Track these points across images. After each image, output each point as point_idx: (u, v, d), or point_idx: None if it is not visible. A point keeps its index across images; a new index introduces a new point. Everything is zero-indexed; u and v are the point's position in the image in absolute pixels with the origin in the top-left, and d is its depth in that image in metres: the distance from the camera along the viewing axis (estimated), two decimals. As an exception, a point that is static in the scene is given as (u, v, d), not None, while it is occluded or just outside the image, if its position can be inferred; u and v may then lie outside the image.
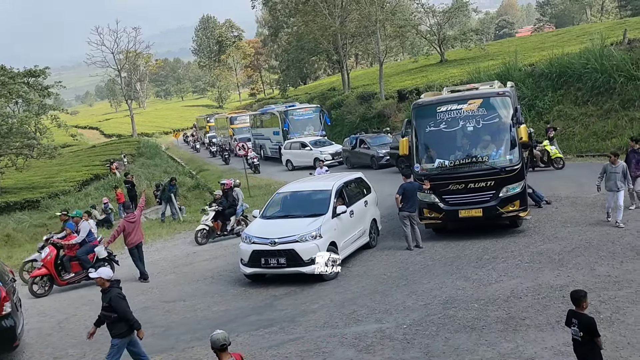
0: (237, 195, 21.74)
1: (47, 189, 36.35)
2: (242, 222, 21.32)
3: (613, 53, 29.39)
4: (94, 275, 9.75)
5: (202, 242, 20.64)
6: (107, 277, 9.55)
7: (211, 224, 20.99)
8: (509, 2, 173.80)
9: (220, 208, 21.17)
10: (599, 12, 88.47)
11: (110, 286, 9.55)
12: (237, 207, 21.47)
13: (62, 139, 62.94)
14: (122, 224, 16.75)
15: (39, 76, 43.46)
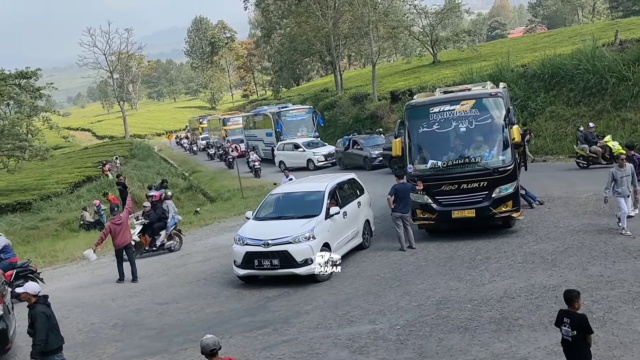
0: (167, 208, 20.37)
1: (39, 191, 36.29)
2: (174, 236, 20.31)
3: (605, 54, 29.49)
4: (20, 290, 9.38)
5: None
6: (33, 292, 9.18)
7: (138, 238, 19.50)
8: (501, 3, 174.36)
9: (146, 221, 19.87)
10: (590, 13, 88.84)
11: (36, 302, 9.19)
12: (168, 220, 20.16)
13: (54, 140, 62.87)
14: (108, 226, 16.83)
15: (31, 78, 43.37)
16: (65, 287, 16.99)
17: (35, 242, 26.69)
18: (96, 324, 13.26)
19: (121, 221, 16.66)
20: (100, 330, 12.82)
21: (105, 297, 15.39)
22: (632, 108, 26.52)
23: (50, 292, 16.19)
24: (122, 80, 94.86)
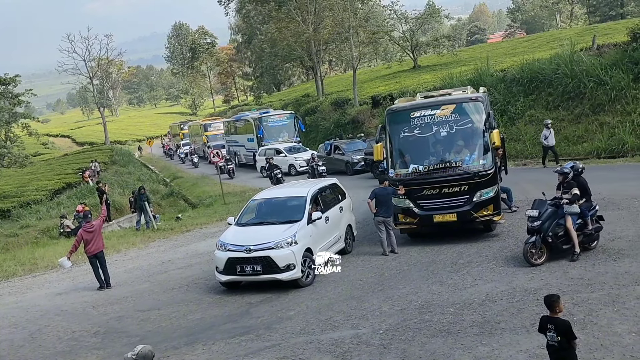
0: None
1: (18, 198, 35.88)
2: None
3: (583, 58, 29.80)
4: None
5: None
6: None
7: None
8: (481, 8, 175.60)
9: None
10: (568, 18, 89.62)
11: None
12: None
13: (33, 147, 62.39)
14: (80, 233, 16.75)
15: (9, 84, 43.01)
16: (45, 294, 16.82)
17: (14, 249, 26.38)
18: (77, 332, 13.13)
19: (93, 229, 16.58)
20: (81, 338, 12.70)
21: (86, 304, 15.25)
22: (610, 112, 26.83)
23: (31, 300, 16.17)
24: (102, 86, 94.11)
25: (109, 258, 19.66)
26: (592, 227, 13.39)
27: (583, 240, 13.26)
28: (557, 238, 13.14)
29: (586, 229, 13.28)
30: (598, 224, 13.64)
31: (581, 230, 13.25)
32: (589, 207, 13.52)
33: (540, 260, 13.04)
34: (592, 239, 13.49)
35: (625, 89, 26.86)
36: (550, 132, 24.96)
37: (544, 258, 13.08)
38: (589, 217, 13.33)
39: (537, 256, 13.08)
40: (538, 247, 13.07)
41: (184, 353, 11.04)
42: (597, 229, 13.57)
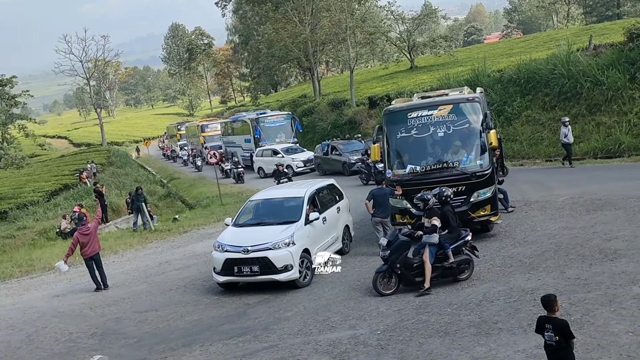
0: None
1: (15, 200, 35.86)
2: None
3: (579, 59, 29.84)
4: None
5: None
6: None
7: None
8: (477, 9, 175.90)
9: None
10: (565, 18, 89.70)
11: None
12: None
13: (30, 148, 62.27)
14: (75, 236, 16.71)
15: (6, 85, 43.11)
16: (42, 296, 16.81)
17: (11, 251, 26.37)
18: (74, 333, 13.12)
19: (89, 231, 16.58)
20: (79, 339, 12.69)
21: (84, 306, 15.24)
22: (607, 112, 26.87)
23: (28, 302, 16.15)
24: (99, 87, 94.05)
25: (106, 259, 19.66)
26: (457, 259, 12.90)
27: (444, 273, 12.85)
28: (411, 269, 12.85)
29: (446, 261, 12.81)
30: (468, 255, 13.11)
31: (440, 263, 12.81)
32: (453, 238, 13.05)
33: (389, 291, 12.81)
34: (456, 271, 12.92)
35: (621, 89, 26.90)
36: (568, 129, 24.42)
37: (394, 288, 12.86)
38: (449, 249, 12.81)
39: (385, 286, 12.87)
40: (387, 278, 12.90)
41: (182, 354, 11.04)
42: (465, 261, 13.05)
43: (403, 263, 12.79)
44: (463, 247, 13.11)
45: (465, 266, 13.09)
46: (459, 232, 13.27)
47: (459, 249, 13.06)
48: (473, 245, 13.30)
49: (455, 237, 13.11)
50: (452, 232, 13.18)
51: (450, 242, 12.97)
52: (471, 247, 13.24)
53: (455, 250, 12.97)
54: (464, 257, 13.07)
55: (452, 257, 12.82)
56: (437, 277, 12.83)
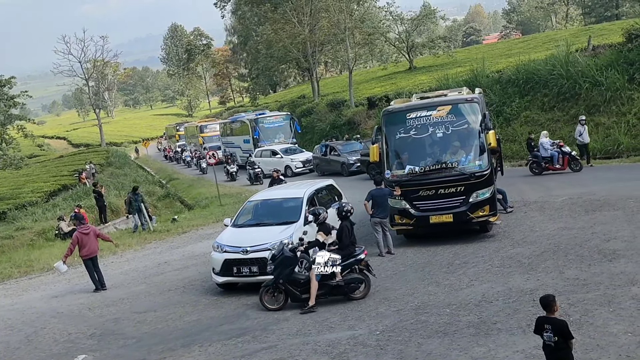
0: None
1: (14, 200, 35.88)
2: None
3: (578, 59, 29.87)
4: None
5: None
6: None
7: None
8: (476, 9, 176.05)
9: None
10: (563, 19, 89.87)
11: None
12: None
13: (29, 149, 62.27)
14: (75, 235, 16.69)
15: (5, 86, 43.01)
16: (41, 296, 16.80)
17: (10, 251, 26.34)
18: (73, 334, 13.10)
19: (89, 230, 16.59)
20: (78, 340, 12.68)
21: (82, 306, 15.23)
22: (605, 113, 26.90)
23: (26, 302, 16.14)
24: (98, 88, 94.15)
25: (105, 260, 19.68)
26: (347, 277, 12.74)
27: (332, 291, 12.73)
28: (298, 285, 12.80)
29: (333, 279, 12.66)
30: (361, 274, 12.86)
31: (327, 281, 12.66)
32: (344, 255, 12.74)
33: (275, 306, 12.82)
34: (345, 289, 12.73)
35: (620, 90, 26.94)
36: (584, 128, 24.21)
37: (282, 303, 12.85)
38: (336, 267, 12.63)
39: (271, 301, 12.91)
40: (273, 293, 12.88)
41: (180, 355, 11.03)
42: (356, 280, 12.80)
43: (288, 279, 12.72)
44: (356, 266, 12.87)
45: (357, 285, 12.85)
46: (352, 249, 12.98)
47: (350, 267, 12.84)
48: (368, 264, 13.00)
49: (346, 254, 12.83)
50: (344, 249, 12.90)
51: (340, 260, 12.76)
52: (366, 265, 12.94)
53: (346, 269, 12.77)
54: (355, 276, 12.81)
55: (339, 275, 12.66)
56: (325, 295, 12.73)
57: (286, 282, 12.72)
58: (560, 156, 23.29)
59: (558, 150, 23.36)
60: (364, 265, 12.91)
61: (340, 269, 12.57)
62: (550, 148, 23.46)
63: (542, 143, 23.58)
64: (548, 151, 23.46)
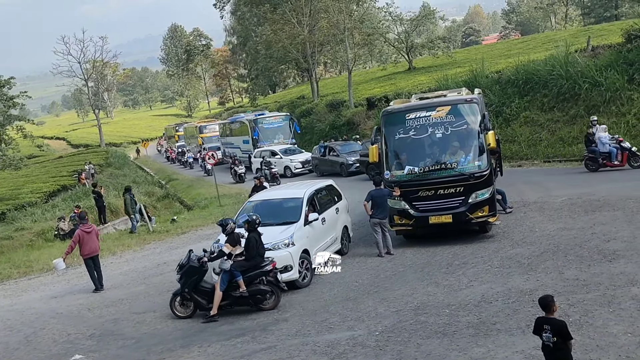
0: None
1: (13, 201, 35.83)
2: None
3: (577, 60, 29.86)
4: None
5: None
6: None
7: None
8: (475, 10, 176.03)
9: None
10: (563, 19, 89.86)
11: None
12: None
13: (28, 149, 62.27)
14: (77, 233, 16.69)
15: (4, 86, 42.99)
16: (40, 297, 16.78)
17: (9, 252, 26.31)
18: (72, 334, 13.10)
19: (91, 229, 16.59)
20: (77, 341, 12.67)
21: (82, 307, 15.22)
22: (605, 113, 26.87)
23: (26, 303, 16.12)
24: (97, 89, 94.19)
25: (104, 260, 19.64)
26: (252, 289, 12.88)
27: (237, 301, 12.95)
28: (204, 294, 13.05)
29: (236, 291, 12.87)
30: (269, 286, 12.99)
31: (231, 291, 12.90)
32: (249, 266, 12.96)
33: (184, 314, 13.24)
34: (250, 300, 12.96)
35: (619, 90, 26.92)
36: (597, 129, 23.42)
37: (191, 312, 13.23)
38: (239, 277, 12.82)
39: (181, 308, 13.32)
40: (181, 301, 13.21)
41: (180, 355, 11.02)
42: (261, 292, 12.96)
43: (194, 288, 13.01)
44: (263, 277, 12.99)
45: (263, 297, 13.01)
46: (260, 261, 13.08)
47: (256, 278, 12.96)
48: (276, 276, 13.09)
49: (252, 265, 12.96)
50: (250, 260, 12.99)
51: (245, 271, 12.91)
52: (274, 277, 13.04)
53: (251, 280, 12.91)
54: (261, 288, 12.95)
55: (243, 286, 12.80)
56: (230, 305, 12.98)
57: (192, 291, 13.05)
58: (619, 152, 22.26)
59: (617, 146, 22.33)
60: (272, 277, 13.03)
61: (244, 281, 12.81)
62: (609, 143, 22.44)
63: (600, 138, 22.51)
64: (606, 146, 22.38)
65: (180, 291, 13.16)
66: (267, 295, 13.03)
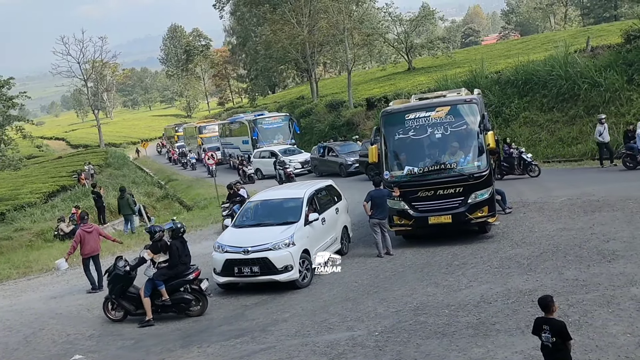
0: None
1: (12, 201, 35.78)
2: None
3: (577, 60, 29.89)
4: None
5: None
6: None
7: None
8: (475, 10, 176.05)
9: None
10: (562, 20, 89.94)
11: None
12: None
13: (27, 150, 62.18)
14: (78, 233, 16.72)
15: (3, 87, 42.93)
16: (40, 297, 16.75)
17: (9, 252, 26.29)
18: (72, 335, 13.09)
19: (92, 229, 16.60)
20: (76, 341, 12.66)
21: (81, 307, 15.21)
22: (604, 113, 26.84)
23: (25, 303, 16.10)
24: (97, 89, 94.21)
25: (104, 261, 19.58)
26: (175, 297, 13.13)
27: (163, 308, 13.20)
28: (131, 301, 13.32)
29: (159, 299, 13.12)
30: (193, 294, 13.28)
31: (154, 300, 13.15)
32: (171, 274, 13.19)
33: (117, 317, 13.59)
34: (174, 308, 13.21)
35: (619, 91, 26.96)
36: (604, 127, 23.43)
37: (122, 315, 13.57)
38: (161, 286, 13.02)
39: (113, 312, 13.66)
40: (114, 305, 13.52)
41: (179, 356, 11.01)
42: (183, 300, 13.22)
43: (120, 295, 13.32)
44: (188, 285, 13.23)
45: (186, 305, 13.23)
46: (183, 269, 13.29)
47: (180, 287, 13.20)
48: (200, 285, 13.26)
49: (175, 273, 13.19)
50: (172, 268, 13.19)
51: (168, 279, 13.12)
52: (198, 285, 13.24)
53: (175, 288, 13.13)
54: (184, 296, 13.19)
55: (165, 295, 13.03)
56: (158, 312, 13.19)
57: (119, 297, 13.33)
58: None
59: None
60: (196, 285, 13.24)
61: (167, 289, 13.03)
62: None
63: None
64: None
65: (109, 297, 13.48)
66: (191, 303, 13.28)
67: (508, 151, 23.85)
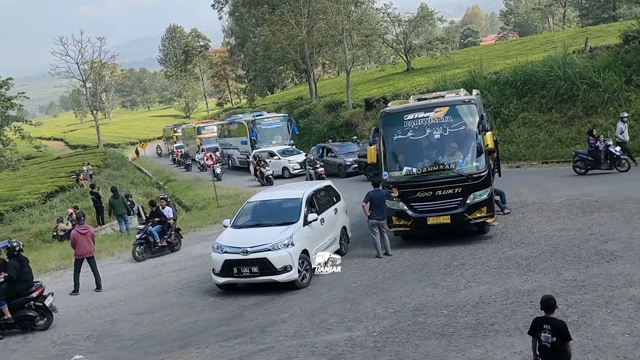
0: None
1: (11, 202, 35.75)
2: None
3: (575, 61, 29.92)
4: None
5: None
6: None
7: None
8: (474, 11, 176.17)
9: None
10: (561, 20, 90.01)
11: None
12: None
13: (26, 150, 62.10)
14: (73, 234, 16.71)
15: (2, 87, 42.97)
16: (38, 298, 16.74)
17: (7, 253, 26.27)
18: (70, 335, 13.08)
19: (86, 230, 16.57)
20: (75, 342, 12.65)
21: (80, 308, 15.20)
22: (603, 114, 26.94)
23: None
24: (95, 89, 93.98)
25: (102, 261, 19.64)
26: (19, 314, 13.30)
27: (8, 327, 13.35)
28: None
29: (1, 318, 13.27)
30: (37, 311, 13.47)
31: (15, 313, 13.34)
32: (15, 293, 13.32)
33: None
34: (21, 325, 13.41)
35: (617, 91, 26.99)
36: (625, 126, 22.96)
37: None
38: (4, 305, 13.16)
39: None
40: None
41: (178, 356, 11.00)
42: (27, 317, 13.39)
43: None
44: (32, 302, 13.41)
45: (30, 322, 13.40)
46: (24, 287, 13.46)
47: (24, 304, 13.37)
48: (43, 302, 13.46)
49: (17, 292, 13.36)
50: (11, 286, 13.31)
51: (11, 298, 13.28)
52: (42, 302, 13.44)
53: (19, 306, 13.33)
54: (28, 314, 13.37)
55: (7, 314, 13.17)
56: (2, 328, 13.32)
57: None
58: None
59: None
60: (40, 302, 13.43)
61: (10, 307, 13.17)
62: None
63: None
64: None
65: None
66: (35, 319, 13.47)
67: (594, 144, 22.33)
